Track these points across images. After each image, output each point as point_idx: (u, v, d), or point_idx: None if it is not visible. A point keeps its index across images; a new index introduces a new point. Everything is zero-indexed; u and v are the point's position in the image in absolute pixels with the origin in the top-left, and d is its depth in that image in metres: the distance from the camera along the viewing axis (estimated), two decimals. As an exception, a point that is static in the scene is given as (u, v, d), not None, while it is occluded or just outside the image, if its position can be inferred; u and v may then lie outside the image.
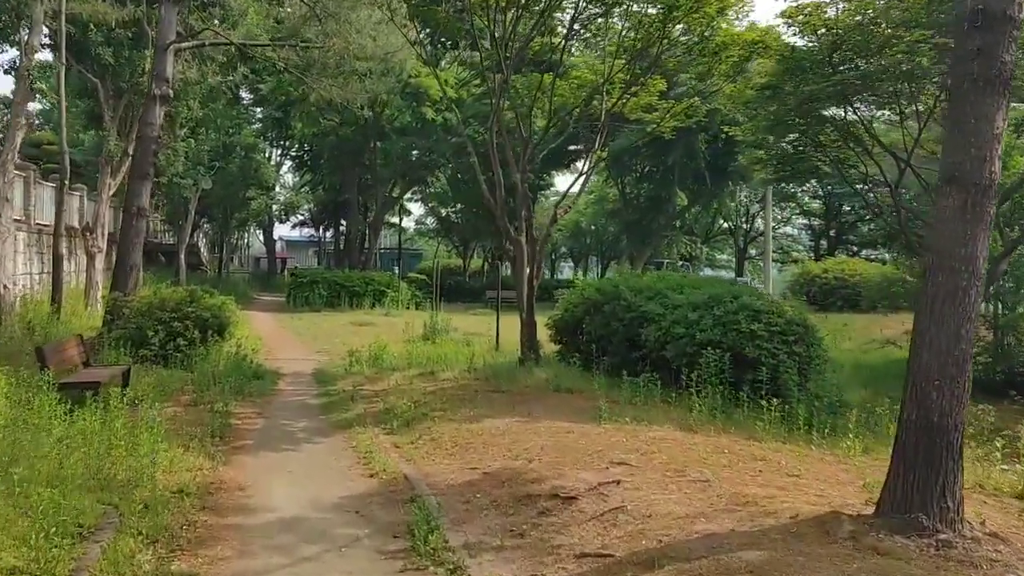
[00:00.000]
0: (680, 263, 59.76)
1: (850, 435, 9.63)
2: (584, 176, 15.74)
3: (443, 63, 44.55)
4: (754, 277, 61.90)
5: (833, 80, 13.66)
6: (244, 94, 51.16)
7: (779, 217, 65.91)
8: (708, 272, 66.58)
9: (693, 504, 6.61)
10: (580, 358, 15.41)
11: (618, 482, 7.30)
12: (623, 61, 16.89)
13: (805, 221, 63.59)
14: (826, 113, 16.02)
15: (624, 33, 16.00)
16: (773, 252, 71.30)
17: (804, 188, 57.57)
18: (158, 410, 10.72)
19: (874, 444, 9.98)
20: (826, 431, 10.11)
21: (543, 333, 17.10)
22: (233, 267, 67.92)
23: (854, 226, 57.36)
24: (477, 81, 44.77)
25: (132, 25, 23.60)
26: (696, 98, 17.00)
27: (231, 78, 27.65)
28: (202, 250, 54.02)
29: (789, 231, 68.60)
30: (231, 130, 40.90)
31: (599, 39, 18.38)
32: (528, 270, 14.90)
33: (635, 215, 47.75)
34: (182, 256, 37.81)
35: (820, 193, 56.73)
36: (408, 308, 36.25)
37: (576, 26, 16.56)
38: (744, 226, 65.32)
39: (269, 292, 47.10)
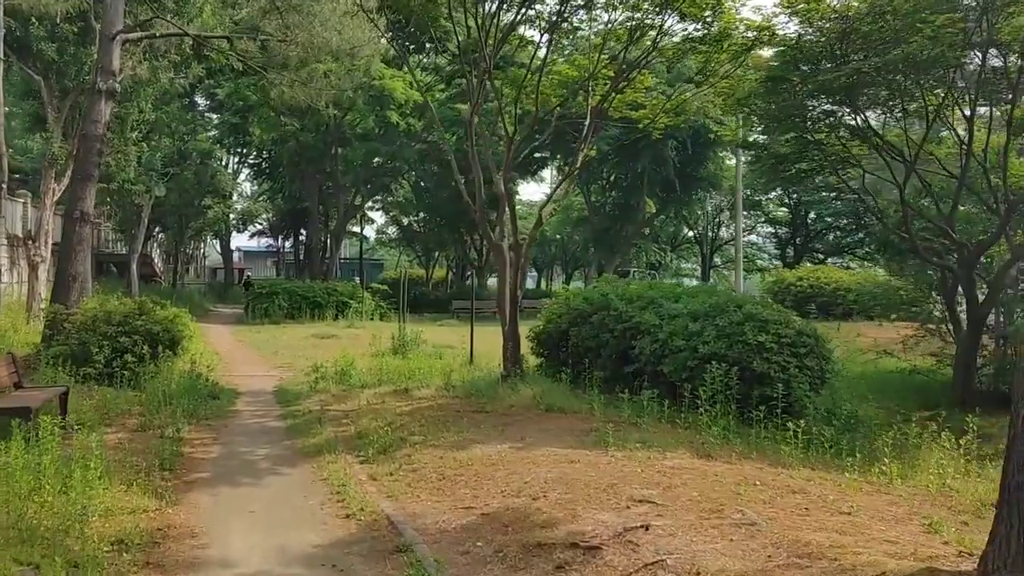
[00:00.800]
0: (648, 272, 59.04)
1: (885, 459, 8.60)
2: (568, 177, 14.55)
3: (406, 68, 43.38)
4: (720, 285, 61.23)
5: (846, 70, 12.67)
6: (200, 100, 49.73)
7: (744, 225, 65.61)
8: (672, 281, 66.08)
9: (747, 557, 5.47)
10: (566, 372, 14.28)
11: (646, 527, 6.14)
12: (607, 56, 15.84)
13: (771, 229, 63.21)
14: (828, 108, 15.06)
15: (615, 22, 14.91)
16: (731, 262, 71.18)
17: (770, 196, 57.31)
18: (99, 438, 9.39)
19: (906, 468, 8.95)
20: (855, 453, 9.03)
21: (523, 345, 15.96)
22: (189, 278, 65.92)
23: (821, 234, 57.05)
24: (442, 86, 43.70)
25: (78, 19, 22.10)
26: (688, 93, 15.85)
27: (184, 77, 26.13)
28: (156, 261, 52.14)
29: (754, 239, 68.18)
30: (186, 135, 39.30)
31: (586, 29, 17.30)
32: (511, 278, 13.72)
33: (603, 223, 46.83)
34: (134, 267, 36.02)
35: (787, 201, 56.41)
36: (373, 319, 34.93)
37: (563, 14, 15.32)
38: (710, 234, 64.81)
39: (226, 304, 45.40)
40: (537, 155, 47.02)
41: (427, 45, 43.61)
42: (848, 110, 15.11)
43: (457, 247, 58.49)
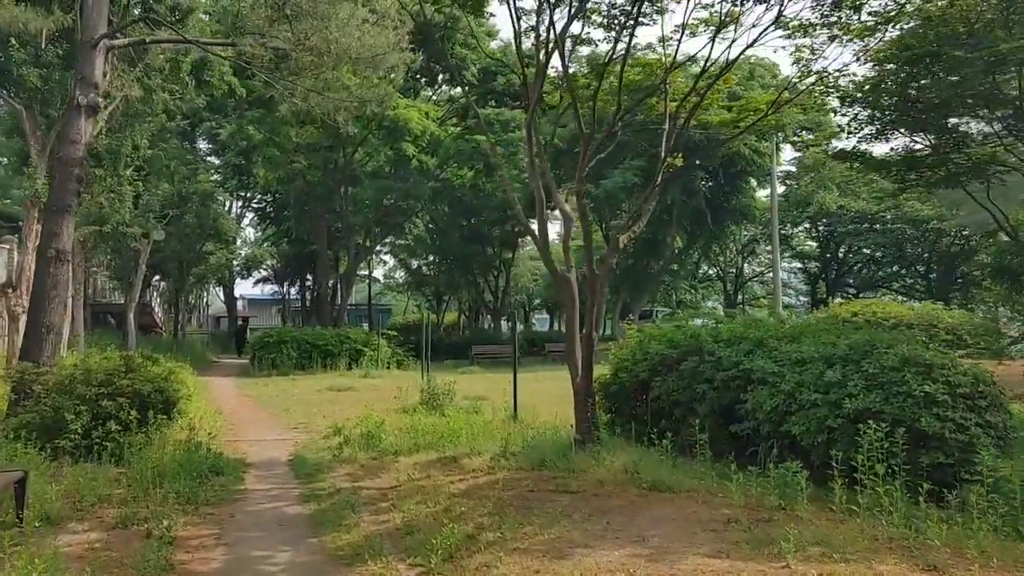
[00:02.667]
0: (673, 311, 56.36)
1: None
2: (651, 194, 11.86)
3: (419, 99, 41.26)
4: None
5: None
6: (202, 144, 47.58)
7: (768, 260, 63.09)
8: (698, 322, 63.30)
9: None
10: (647, 433, 11.61)
11: None
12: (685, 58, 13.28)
13: (798, 264, 60.60)
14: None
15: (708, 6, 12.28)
16: (762, 297, 68.53)
17: (798, 229, 54.85)
18: (56, 549, 6.74)
19: None
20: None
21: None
22: (191, 328, 63.39)
23: (852, 268, 54.44)
24: (454, 120, 41.48)
25: (63, 39, 19.79)
26: (814, 75, 13.18)
27: (180, 98, 23.77)
28: (156, 310, 49.69)
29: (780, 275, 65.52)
30: (186, 176, 36.98)
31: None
32: (589, 317, 10.99)
33: (629, 260, 44.28)
34: (131, 316, 33.44)
35: (815, 233, 53.91)
36: (389, 368, 32.31)
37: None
38: (732, 271, 62.23)
39: (230, 354, 42.82)
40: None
41: (440, 77, 41.49)
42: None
43: (470, 289, 56.08)
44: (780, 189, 44.05)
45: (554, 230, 75.24)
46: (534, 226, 12.13)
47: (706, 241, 44.72)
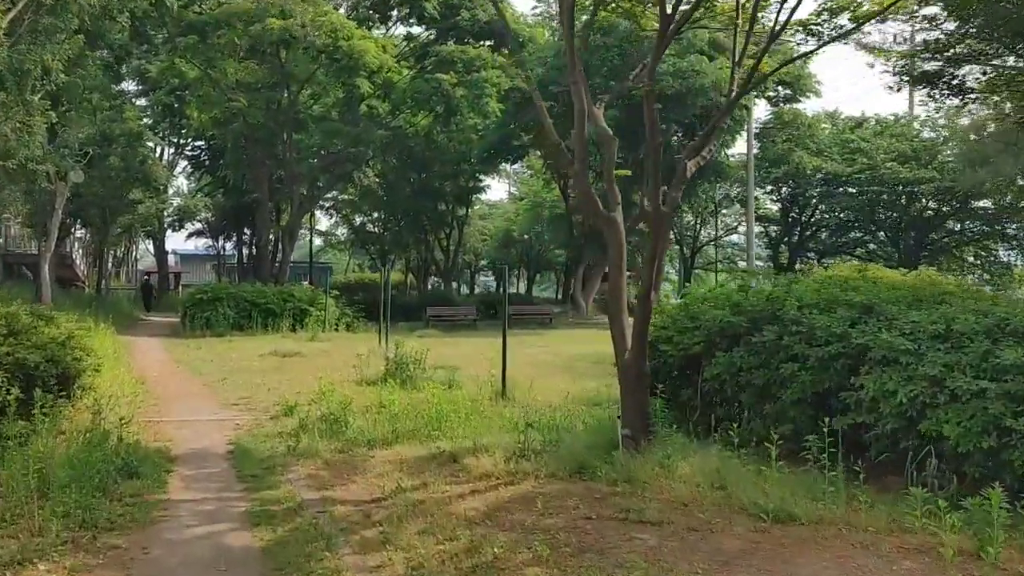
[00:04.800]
0: (629, 274, 53.86)
1: None
2: (734, 102, 8.96)
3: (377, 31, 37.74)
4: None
5: None
6: (130, 86, 43.33)
7: (726, 224, 61.06)
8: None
9: None
10: (696, 423, 8.93)
11: None
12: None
13: (759, 227, 58.46)
14: None
15: None
16: (719, 262, 66.57)
17: (763, 190, 52.64)
18: None
19: None
20: None
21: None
22: (118, 283, 59.14)
23: (816, 232, 52.50)
24: (411, 61, 38.09)
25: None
26: None
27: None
28: (77, 262, 45.54)
29: (735, 239, 63.68)
30: (111, 115, 33.07)
31: None
32: (645, 271, 8.02)
33: (591, 219, 41.51)
34: (46, 268, 29.68)
35: (778, 195, 51.73)
36: (338, 330, 29.19)
37: None
38: (688, 234, 59.86)
39: (160, 312, 39.10)
40: (515, 143, 41.72)
41: (394, 13, 37.87)
42: None
43: (419, 247, 52.93)
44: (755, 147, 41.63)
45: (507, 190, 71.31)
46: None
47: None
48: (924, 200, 43.05)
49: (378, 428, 10.48)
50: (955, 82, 14.33)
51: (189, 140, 47.40)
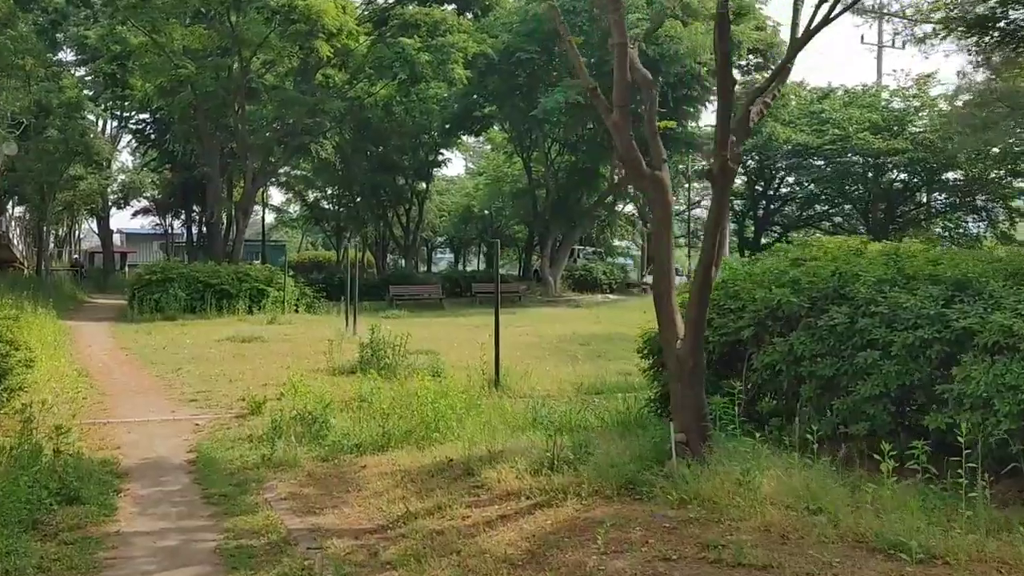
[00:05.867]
0: (591, 251, 52.55)
1: None
2: (807, 39, 7.44)
3: None
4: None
5: None
6: (68, 56, 40.76)
7: (689, 199, 59.94)
8: (622, 262, 59.78)
9: None
10: (740, 419, 7.60)
11: None
12: None
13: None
14: None
15: None
16: (681, 236, 65.67)
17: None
18: None
19: None
20: None
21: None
22: (60, 264, 56.37)
23: (783, 206, 51.70)
24: (369, 27, 36.11)
25: None
26: None
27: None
28: (15, 242, 42.99)
29: (698, 213, 62.61)
30: (47, 84, 30.77)
31: None
32: (704, 239, 6.53)
33: (560, 191, 40.06)
34: (-22, 248, 27.52)
35: (744, 168, 50.69)
36: (298, 312, 27.49)
37: None
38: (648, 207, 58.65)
39: (107, 294, 36.87)
40: (476, 113, 40.08)
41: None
42: None
43: (377, 224, 51.09)
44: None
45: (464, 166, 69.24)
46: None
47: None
48: (894, 172, 42.44)
49: (365, 429, 9.02)
50: (1011, 27, 13.10)
51: (133, 113, 44.88)
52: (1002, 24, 13.08)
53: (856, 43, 62.91)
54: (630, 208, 56.79)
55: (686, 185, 52.74)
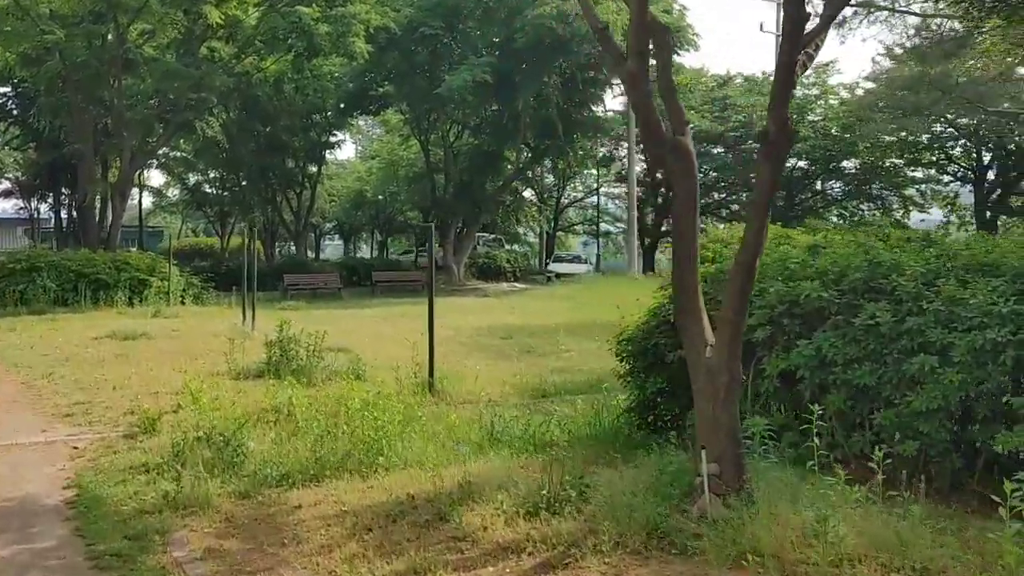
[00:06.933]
0: (491, 237, 51.11)
1: None
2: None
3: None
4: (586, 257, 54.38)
5: None
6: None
7: (587, 185, 59.15)
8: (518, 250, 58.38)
9: None
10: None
11: None
12: None
13: (621, 188, 56.80)
14: None
15: None
16: (581, 225, 65.05)
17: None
18: None
19: None
20: None
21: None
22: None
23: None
24: None
25: None
26: None
27: None
28: None
29: (594, 200, 61.77)
30: None
31: None
32: (758, 230, 5.09)
33: (463, 177, 38.51)
34: None
35: (644, 156, 50.12)
36: (184, 303, 25.18)
37: None
38: (551, 194, 57.42)
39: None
40: (372, 92, 38.10)
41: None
42: None
43: (265, 209, 48.38)
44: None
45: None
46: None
47: (553, 156, 39.78)
48: (795, 159, 42.72)
49: (289, 454, 7.38)
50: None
51: (-8, 84, 40.99)
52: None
53: (756, 32, 63.14)
54: (528, 193, 55.74)
55: (588, 171, 51.84)
